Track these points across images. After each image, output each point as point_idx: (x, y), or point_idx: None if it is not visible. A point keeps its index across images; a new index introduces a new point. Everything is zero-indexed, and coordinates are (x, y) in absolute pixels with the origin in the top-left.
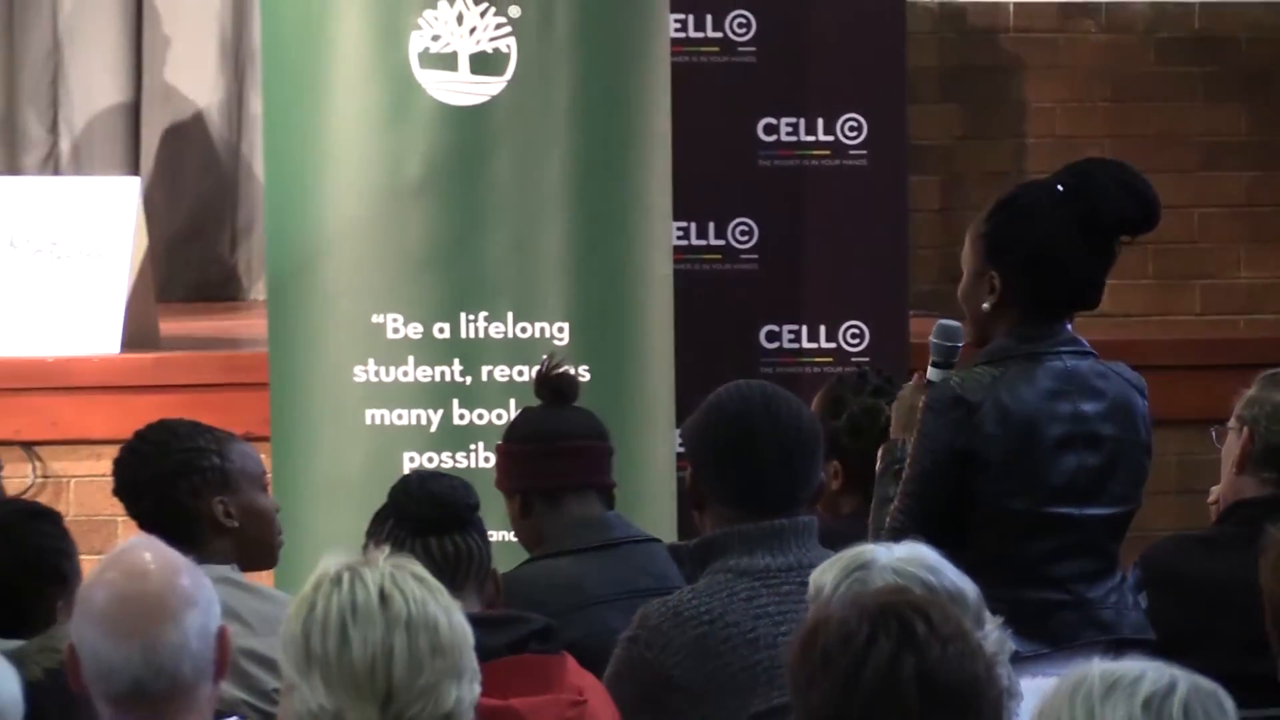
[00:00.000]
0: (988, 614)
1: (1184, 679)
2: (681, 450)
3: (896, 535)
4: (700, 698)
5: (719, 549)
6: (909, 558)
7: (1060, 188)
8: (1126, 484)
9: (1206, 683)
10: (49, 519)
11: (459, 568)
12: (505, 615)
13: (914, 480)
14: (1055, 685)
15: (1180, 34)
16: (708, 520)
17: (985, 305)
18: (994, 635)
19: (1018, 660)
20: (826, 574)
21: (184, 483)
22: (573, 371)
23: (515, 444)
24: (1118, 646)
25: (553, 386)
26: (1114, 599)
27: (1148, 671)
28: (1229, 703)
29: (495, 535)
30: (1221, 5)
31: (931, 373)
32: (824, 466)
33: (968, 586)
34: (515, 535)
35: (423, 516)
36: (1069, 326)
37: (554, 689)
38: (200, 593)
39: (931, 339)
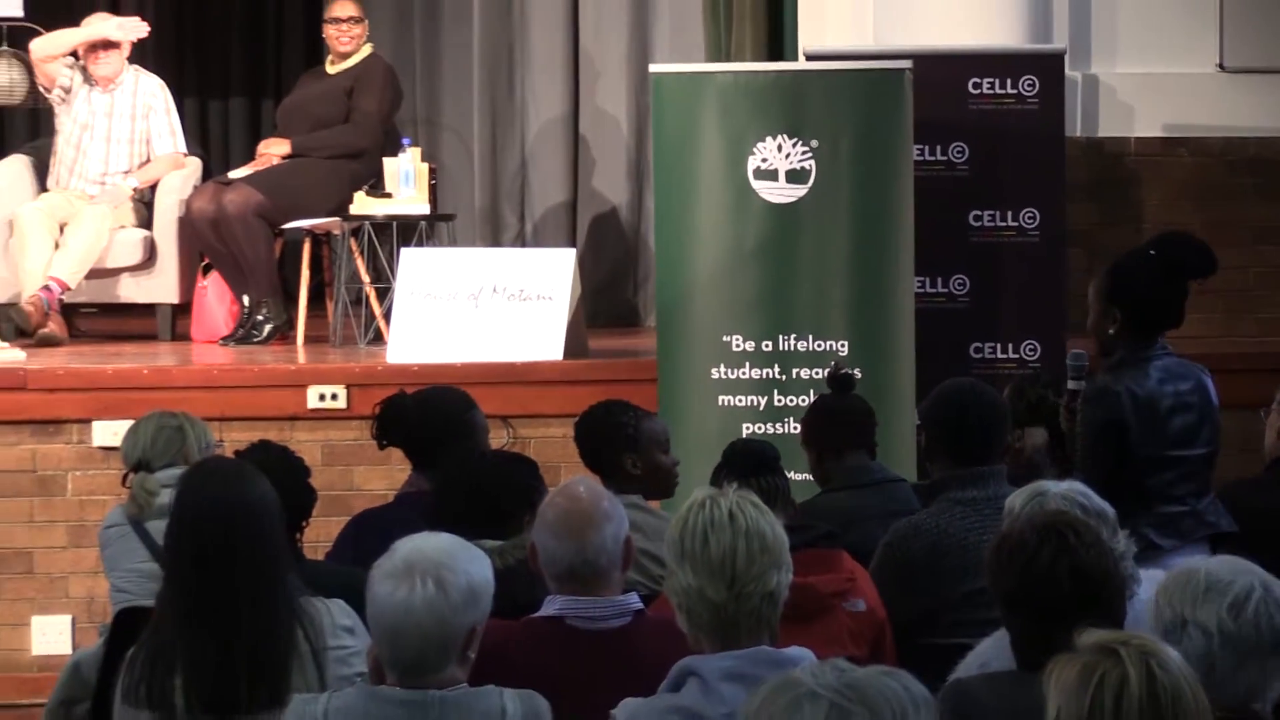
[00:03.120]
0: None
1: (1259, 587)
2: (919, 422)
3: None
4: (931, 582)
5: (943, 486)
6: (1071, 488)
7: (1151, 251)
8: (1210, 434)
9: (1277, 589)
10: (529, 464)
11: (770, 497)
12: (802, 524)
13: (1086, 447)
14: (1169, 576)
15: (1241, 157)
16: (935, 468)
17: (1110, 331)
18: (1124, 542)
19: (1161, 551)
20: (1017, 499)
21: (609, 444)
22: (851, 372)
23: (813, 418)
24: (1218, 537)
25: (838, 381)
26: (1213, 508)
27: (1237, 579)
28: None
29: (799, 477)
30: (1271, 139)
31: (1071, 384)
32: (1010, 433)
33: (1108, 507)
34: (812, 477)
35: (745, 466)
36: (1161, 339)
37: (834, 571)
38: (615, 512)
39: (1067, 362)
